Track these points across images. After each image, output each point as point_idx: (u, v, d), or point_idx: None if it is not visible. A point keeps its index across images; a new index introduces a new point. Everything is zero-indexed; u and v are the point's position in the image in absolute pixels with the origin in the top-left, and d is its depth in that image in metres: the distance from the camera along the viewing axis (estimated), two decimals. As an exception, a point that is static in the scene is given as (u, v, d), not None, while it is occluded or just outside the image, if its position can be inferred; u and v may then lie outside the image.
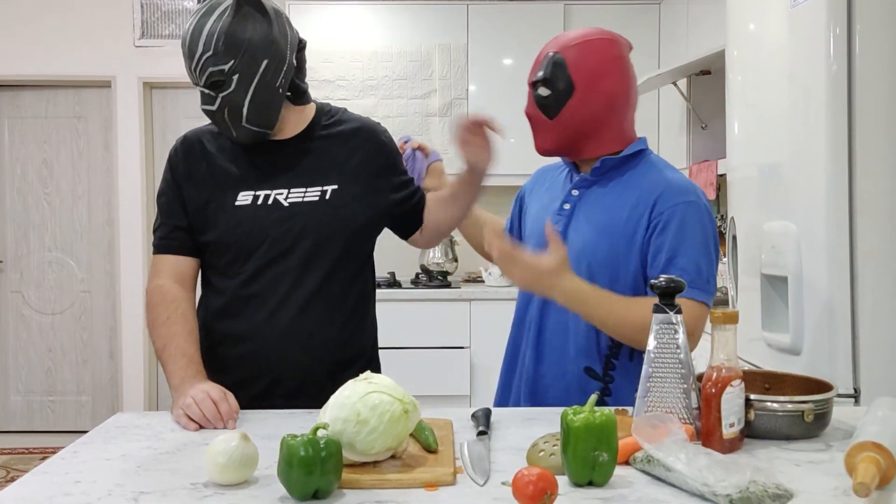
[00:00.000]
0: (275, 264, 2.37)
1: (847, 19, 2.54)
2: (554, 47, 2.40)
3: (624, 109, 2.41)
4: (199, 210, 2.40)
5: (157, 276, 2.41)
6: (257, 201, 2.37)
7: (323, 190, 2.40)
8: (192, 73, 2.29)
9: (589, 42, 2.38)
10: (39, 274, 6.98)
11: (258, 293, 2.37)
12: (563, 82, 2.35)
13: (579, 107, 2.35)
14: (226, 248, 2.39)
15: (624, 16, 6.28)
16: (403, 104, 6.20)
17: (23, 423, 6.97)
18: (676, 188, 2.30)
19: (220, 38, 2.26)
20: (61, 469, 1.71)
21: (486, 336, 5.72)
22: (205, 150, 2.44)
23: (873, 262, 2.54)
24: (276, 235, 2.36)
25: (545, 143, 2.43)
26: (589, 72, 2.35)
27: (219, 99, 2.30)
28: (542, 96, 2.38)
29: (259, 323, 2.37)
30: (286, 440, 1.51)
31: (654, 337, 1.86)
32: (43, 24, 6.72)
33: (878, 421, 1.64)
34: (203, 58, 2.26)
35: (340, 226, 2.40)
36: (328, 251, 2.39)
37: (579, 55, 2.36)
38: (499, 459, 1.75)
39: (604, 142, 2.39)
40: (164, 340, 2.29)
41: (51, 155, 6.95)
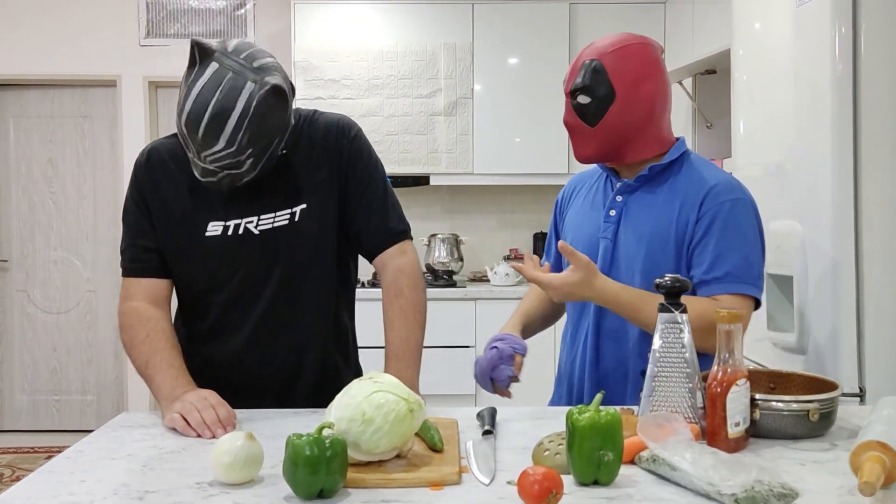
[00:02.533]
0: (247, 294, 2.34)
1: (852, 18, 2.54)
2: (591, 54, 2.37)
3: (663, 112, 2.39)
4: (167, 236, 2.33)
5: (130, 298, 2.35)
6: (227, 231, 2.30)
7: (292, 212, 2.32)
8: (197, 157, 2.16)
9: (626, 47, 2.36)
10: (45, 273, 6.98)
11: (231, 323, 2.36)
12: (604, 89, 2.33)
13: (620, 113, 2.33)
14: (197, 279, 2.35)
15: (630, 15, 6.28)
16: (409, 103, 6.19)
17: (28, 422, 6.98)
18: (722, 187, 2.29)
19: (245, 135, 2.12)
20: (66, 468, 1.71)
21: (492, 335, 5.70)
22: (172, 175, 2.34)
23: (878, 262, 2.54)
24: (250, 267, 2.32)
25: (586, 151, 2.40)
26: (629, 77, 2.33)
27: (223, 173, 2.19)
28: (582, 104, 2.36)
29: (234, 350, 2.36)
30: (291, 439, 1.51)
31: (659, 336, 1.86)
32: (48, 23, 6.73)
33: (884, 420, 1.64)
34: (222, 152, 2.13)
35: (312, 248, 2.34)
36: (303, 275, 2.35)
37: (618, 61, 2.34)
38: (504, 459, 1.75)
39: (645, 146, 2.37)
40: (145, 357, 2.22)
41: (56, 154, 6.96)
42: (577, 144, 2.41)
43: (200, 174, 2.20)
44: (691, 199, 2.29)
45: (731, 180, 2.33)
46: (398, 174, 6.14)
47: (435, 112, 6.21)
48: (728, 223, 2.24)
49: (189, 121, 2.11)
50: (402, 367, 2.31)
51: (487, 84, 6.23)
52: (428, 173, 6.21)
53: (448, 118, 6.20)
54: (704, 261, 2.25)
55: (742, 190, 2.31)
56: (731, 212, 2.25)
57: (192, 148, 2.16)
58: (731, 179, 2.34)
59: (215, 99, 2.09)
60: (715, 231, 2.25)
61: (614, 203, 2.41)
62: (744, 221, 2.26)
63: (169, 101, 6.95)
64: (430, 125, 6.21)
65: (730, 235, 2.24)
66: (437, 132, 6.20)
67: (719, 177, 2.33)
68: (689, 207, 2.29)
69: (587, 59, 2.37)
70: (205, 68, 2.12)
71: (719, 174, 2.35)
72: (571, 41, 6.20)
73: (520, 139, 6.19)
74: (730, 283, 2.22)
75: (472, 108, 6.21)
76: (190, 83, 2.13)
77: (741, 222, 2.26)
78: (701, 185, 2.31)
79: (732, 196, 2.27)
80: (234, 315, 2.35)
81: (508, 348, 2.37)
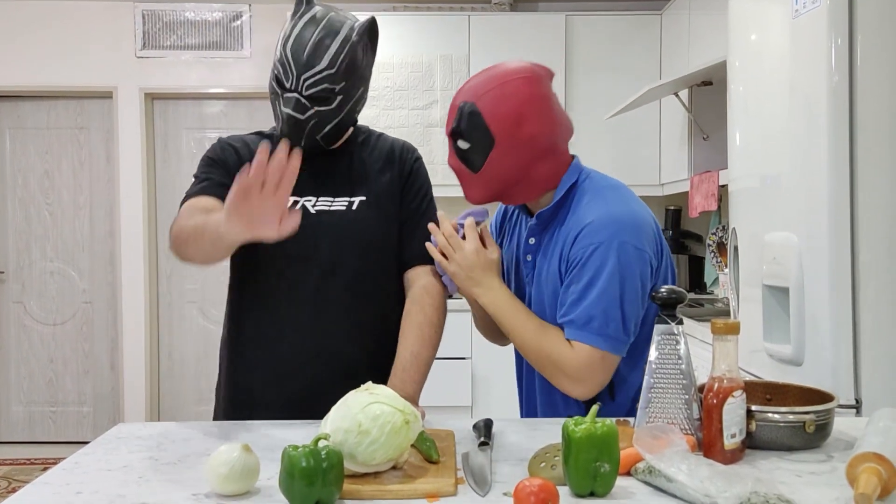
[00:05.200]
0: (297, 270, 2.38)
1: (848, 30, 2.54)
2: (466, 96, 2.24)
3: (552, 148, 2.24)
4: None
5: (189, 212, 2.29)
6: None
7: (350, 201, 2.42)
8: (297, 81, 2.28)
9: (503, 85, 2.21)
10: (41, 284, 6.99)
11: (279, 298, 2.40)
12: (481, 134, 2.19)
13: (502, 157, 2.20)
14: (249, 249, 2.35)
15: (625, 26, 6.30)
16: (405, 115, 6.20)
17: (24, 433, 6.97)
18: (591, 228, 2.17)
19: (345, 60, 2.29)
20: (63, 480, 1.71)
21: (488, 347, 5.67)
22: (240, 155, 2.45)
23: (875, 273, 2.54)
24: (300, 240, 2.31)
25: (475, 195, 2.29)
26: (507, 120, 2.18)
27: (312, 111, 2.31)
28: (462, 149, 2.24)
29: (278, 326, 2.39)
30: (287, 451, 1.51)
31: (655, 348, 1.86)
32: (45, 34, 6.74)
33: (880, 432, 1.64)
34: (322, 73, 2.27)
35: (361, 237, 2.41)
36: (351, 260, 2.40)
37: (494, 103, 2.19)
38: (500, 470, 1.74)
39: (535, 184, 2.26)
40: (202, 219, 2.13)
41: (52, 166, 6.97)
42: (465, 188, 2.30)
43: (293, 108, 2.30)
44: (570, 239, 2.21)
45: (603, 217, 2.18)
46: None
47: (431, 123, 6.23)
48: (585, 269, 2.14)
49: (295, 44, 2.29)
50: (407, 380, 2.32)
51: (484, 95, 6.23)
52: (424, 185, 6.21)
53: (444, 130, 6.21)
54: (564, 302, 2.19)
55: (615, 228, 2.16)
56: (591, 256, 2.14)
57: (293, 73, 2.28)
58: (606, 215, 2.18)
59: (321, 25, 2.30)
60: (575, 276, 2.17)
61: (528, 247, 2.36)
62: (601, 268, 2.13)
63: (165, 112, 6.95)
64: (426, 137, 6.22)
65: (584, 282, 2.14)
66: (433, 144, 6.21)
67: (594, 213, 2.19)
68: (566, 249, 2.21)
69: (462, 100, 2.24)
70: (310, 8, 2.35)
71: (596, 209, 2.20)
72: (567, 52, 6.22)
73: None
74: (574, 329, 2.14)
75: (468, 120, 6.21)
76: (296, 20, 2.33)
77: (598, 269, 2.13)
78: (576, 227, 2.20)
79: (597, 239, 2.14)
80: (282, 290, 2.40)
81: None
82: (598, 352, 2.12)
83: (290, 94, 2.30)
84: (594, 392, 2.17)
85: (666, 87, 5.42)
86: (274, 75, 2.34)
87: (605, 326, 2.12)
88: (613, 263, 2.12)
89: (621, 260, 2.13)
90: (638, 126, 6.25)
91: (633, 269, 2.14)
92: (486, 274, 2.27)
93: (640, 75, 6.19)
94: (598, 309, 2.12)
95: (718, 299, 5.36)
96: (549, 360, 2.17)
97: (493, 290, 2.28)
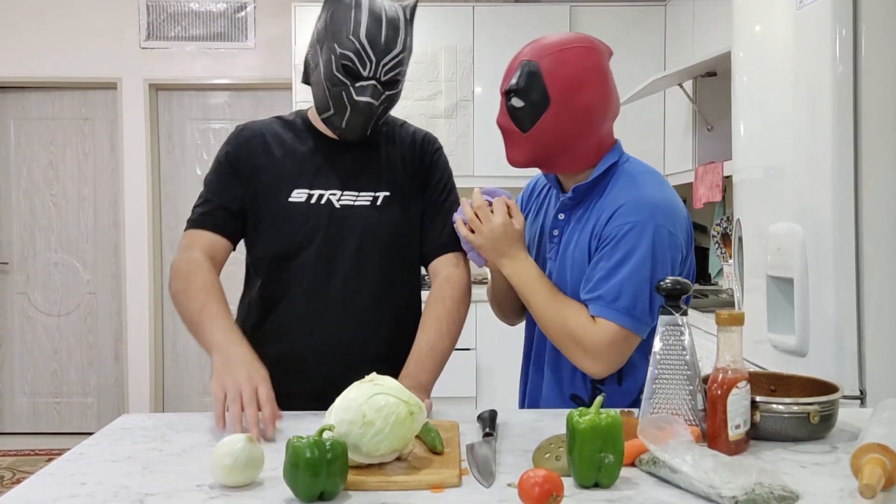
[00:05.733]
0: (322, 264, 2.38)
1: (853, 21, 2.54)
2: (529, 54, 2.23)
3: (602, 122, 2.25)
4: (254, 200, 2.41)
5: (190, 248, 2.37)
6: (311, 200, 2.39)
7: (374, 196, 2.42)
8: (376, 67, 2.28)
9: (566, 50, 2.20)
10: (45, 276, 6.99)
11: (303, 292, 2.39)
12: (538, 94, 2.19)
13: (554, 121, 2.19)
14: (274, 243, 2.40)
15: (629, 17, 6.29)
16: (409, 106, 6.19)
17: (28, 424, 6.99)
18: (628, 207, 2.17)
19: (409, 38, 2.34)
20: (67, 471, 1.71)
21: (492, 338, 5.73)
22: (265, 143, 2.45)
23: (879, 264, 2.54)
24: (326, 235, 2.37)
25: (518, 156, 2.28)
26: (566, 84, 2.18)
27: (384, 96, 2.33)
28: (515, 107, 2.23)
29: (302, 320, 2.40)
30: (292, 442, 1.51)
31: (659, 338, 1.85)
32: (49, 25, 6.74)
33: (884, 422, 1.64)
34: (399, 56, 2.30)
35: (387, 232, 2.42)
36: (375, 256, 2.41)
37: (556, 65, 2.18)
38: (505, 461, 1.74)
39: (579, 157, 2.27)
40: (201, 303, 2.24)
41: (56, 157, 6.97)
42: (509, 147, 2.30)
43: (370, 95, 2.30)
44: (603, 218, 2.20)
45: (642, 198, 2.18)
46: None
47: (435, 114, 6.22)
48: (618, 247, 2.14)
49: (370, 30, 2.27)
50: (423, 370, 2.33)
51: (488, 86, 6.23)
52: (428, 175, 6.21)
53: (448, 120, 6.21)
54: (591, 278, 2.18)
55: (650, 210, 2.16)
56: (627, 235, 2.14)
57: (371, 59, 2.28)
58: (644, 197, 2.19)
59: (385, 10, 2.30)
60: (606, 252, 2.16)
61: (556, 222, 2.36)
62: (634, 247, 2.13)
63: (169, 103, 6.95)
64: (430, 127, 6.14)
65: (616, 260, 2.14)
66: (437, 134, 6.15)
67: (632, 195, 2.19)
68: (600, 227, 2.21)
69: (524, 58, 2.24)
70: None
71: (635, 191, 2.21)
72: (572, 43, 6.19)
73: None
74: (601, 306, 2.14)
75: (472, 111, 6.22)
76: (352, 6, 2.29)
77: (632, 248, 2.13)
78: (612, 205, 2.20)
79: (633, 219, 2.14)
80: (307, 284, 2.39)
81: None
82: (622, 330, 2.13)
83: (368, 82, 2.29)
84: (610, 371, 2.17)
85: (670, 78, 5.41)
86: (341, 65, 2.28)
87: (633, 307, 2.12)
88: (647, 244, 2.12)
89: (655, 242, 2.13)
90: (642, 117, 6.24)
91: (666, 254, 2.14)
92: (512, 245, 2.27)
93: (645, 66, 6.18)
94: (628, 288, 2.12)
95: (723, 290, 5.36)
96: (570, 335, 2.16)
97: (518, 262, 2.27)
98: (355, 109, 2.31)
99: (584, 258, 2.24)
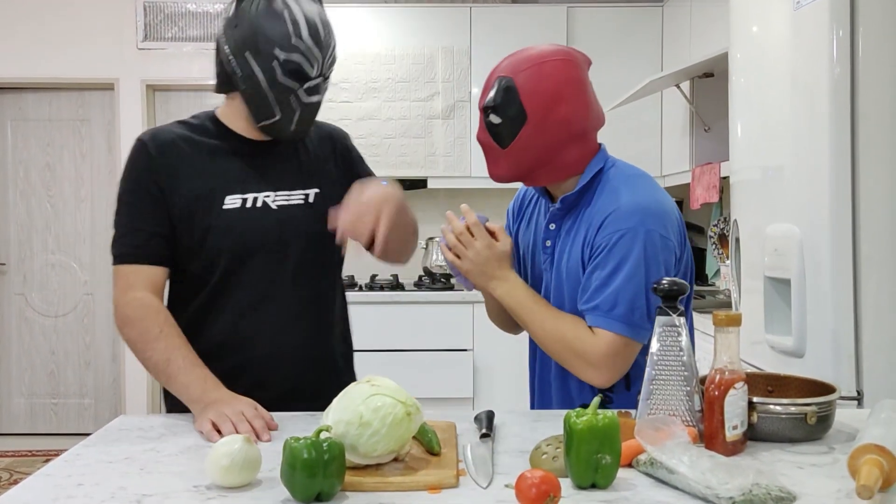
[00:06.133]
0: (270, 268, 2.32)
1: (850, 21, 2.54)
2: (505, 70, 2.22)
3: (583, 134, 2.22)
4: (186, 216, 2.29)
5: (131, 288, 2.28)
6: (245, 204, 2.32)
7: (306, 193, 2.38)
8: (322, 63, 2.28)
9: (543, 64, 2.18)
10: (42, 277, 6.99)
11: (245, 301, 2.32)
12: (515, 110, 2.18)
13: (533, 136, 2.18)
14: (213, 253, 2.30)
15: (627, 18, 6.29)
16: (406, 106, 6.20)
17: (26, 425, 6.98)
18: (618, 214, 2.16)
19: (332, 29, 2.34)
20: (64, 472, 1.71)
21: (490, 339, 5.73)
22: (181, 151, 2.33)
23: (876, 265, 2.54)
24: (271, 238, 2.32)
25: (499, 171, 2.29)
26: (542, 99, 2.17)
27: (324, 89, 2.34)
28: (493, 123, 2.21)
29: (256, 327, 2.32)
30: (289, 442, 1.51)
31: (657, 339, 1.85)
32: (46, 26, 6.73)
33: (881, 423, 1.64)
34: (335, 48, 2.32)
35: (324, 230, 2.32)
36: (319, 255, 2.38)
37: (532, 80, 2.17)
38: (502, 462, 1.75)
39: (561, 168, 2.25)
40: (164, 354, 2.17)
41: (54, 157, 6.96)
42: (490, 163, 2.30)
43: (321, 93, 2.32)
44: (593, 227, 2.20)
45: (630, 204, 2.17)
46: (395, 177, 6.14)
47: (432, 115, 6.22)
48: (611, 255, 2.13)
49: (312, 29, 2.25)
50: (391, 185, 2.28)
51: (485, 87, 6.22)
52: (425, 176, 6.22)
53: (445, 121, 6.21)
54: (587, 288, 2.17)
55: (640, 216, 2.15)
56: (618, 242, 2.13)
57: (318, 56, 2.26)
58: (632, 202, 2.18)
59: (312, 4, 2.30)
60: (600, 262, 2.15)
61: (548, 232, 2.34)
62: (627, 255, 2.12)
63: (166, 104, 6.95)
64: (427, 128, 6.21)
65: (610, 269, 2.13)
66: (434, 135, 6.20)
67: (620, 201, 2.18)
68: (591, 237, 2.20)
69: (501, 74, 2.22)
70: None
71: (625, 196, 2.19)
72: (569, 44, 6.19)
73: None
74: (598, 316, 2.14)
75: (469, 112, 6.22)
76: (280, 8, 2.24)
77: (624, 256, 2.12)
78: (601, 213, 2.19)
79: (624, 225, 2.14)
80: (258, 290, 2.33)
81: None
82: (621, 339, 2.12)
83: (314, 81, 2.28)
84: (614, 380, 2.16)
85: (667, 79, 5.41)
86: (287, 71, 2.23)
87: (630, 314, 2.11)
88: (640, 250, 2.12)
89: (647, 247, 2.13)
90: (639, 118, 6.24)
91: (659, 257, 2.14)
92: (500, 267, 2.26)
93: (642, 67, 6.18)
94: (624, 295, 2.11)
95: (720, 291, 5.36)
96: (570, 349, 2.16)
97: (508, 282, 2.26)
98: (305, 110, 2.28)
99: (578, 268, 2.23)
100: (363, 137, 6.13)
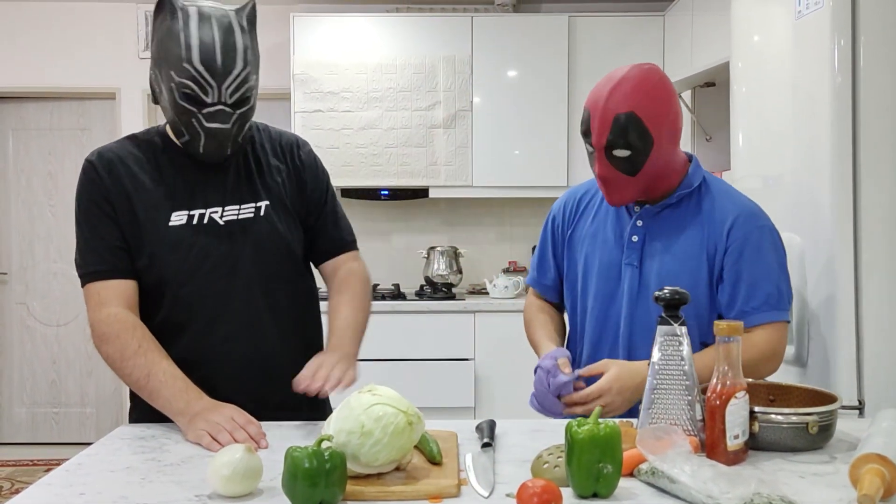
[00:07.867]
0: (218, 288, 2.30)
1: (851, 30, 2.54)
2: (621, 105, 2.23)
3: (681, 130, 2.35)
4: (133, 233, 2.28)
5: (104, 304, 2.24)
6: (192, 221, 2.29)
7: (256, 206, 2.35)
8: (218, 92, 2.17)
9: (655, 90, 2.25)
10: (44, 285, 6.99)
11: (203, 318, 2.31)
12: (643, 138, 2.23)
13: (659, 154, 2.27)
14: (166, 271, 2.28)
15: (628, 27, 6.29)
16: (408, 116, 6.20)
17: (27, 434, 6.97)
18: (746, 216, 2.31)
19: (249, 53, 2.21)
20: (65, 481, 1.71)
21: (491, 348, 5.72)
22: (128, 168, 2.31)
23: (878, 274, 2.54)
24: (217, 255, 2.29)
25: (625, 198, 2.32)
26: (662, 119, 2.25)
27: (236, 115, 2.22)
28: (620, 157, 2.25)
29: (212, 344, 2.31)
30: (291, 452, 1.51)
31: (658, 349, 1.86)
32: (47, 36, 6.74)
33: (883, 433, 1.64)
34: (242, 74, 2.19)
35: (281, 246, 2.35)
36: (272, 266, 2.35)
37: (652, 105, 2.24)
38: (503, 471, 1.75)
39: (672, 176, 2.35)
40: (144, 369, 2.15)
41: (55, 167, 6.96)
42: (612, 193, 2.32)
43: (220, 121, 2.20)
44: (718, 228, 2.31)
45: (752, 207, 2.35)
46: (397, 187, 6.16)
47: (434, 125, 6.22)
48: (757, 253, 2.28)
49: (205, 53, 2.15)
50: (346, 343, 2.32)
51: (486, 97, 6.24)
52: (427, 186, 6.21)
53: (447, 131, 6.21)
54: (739, 292, 2.28)
55: (763, 216, 2.34)
56: (759, 241, 2.29)
57: (213, 85, 2.16)
58: (752, 205, 2.35)
59: (214, 25, 2.17)
60: (745, 262, 2.28)
61: (635, 228, 2.38)
62: (770, 249, 2.30)
63: (168, 113, 6.95)
64: (429, 138, 6.21)
65: (760, 265, 2.28)
66: (436, 145, 6.20)
67: (742, 203, 2.35)
68: (716, 236, 2.31)
69: (619, 111, 2.23)
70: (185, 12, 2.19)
71: (741, 200, 2.36)
72: (570, 54, 6.21)
73: (519, 152, 6.19)
74: (766, 311, 2.26)
75: (471, 121, 6.22)
76: (179, 28, 2.17)
77: (768, 250, 2.30)
78: (726, 214, 2.32)
79: (758, 224, 2.31)
80: (209, 307, 2.30)
81: (548, 361, 2.27)
82: (785, 325, 2.31)
83: (213, 108, 2.19)
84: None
85: (669, 88, 5.41)
86: (182, 94, 2.18)
87: (789, 299, 2.33)
88: (779, 244, 2.34)
89: (777, 241, 2.34)
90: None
91: (782, 247, 2.36)
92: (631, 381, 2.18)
93: (643, 76, 6.17)
94: (783, 285, 2.31)
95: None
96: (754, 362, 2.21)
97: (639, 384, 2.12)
98: (209, 136, 2.22)
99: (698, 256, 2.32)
100: (364, 147, 6.14)
